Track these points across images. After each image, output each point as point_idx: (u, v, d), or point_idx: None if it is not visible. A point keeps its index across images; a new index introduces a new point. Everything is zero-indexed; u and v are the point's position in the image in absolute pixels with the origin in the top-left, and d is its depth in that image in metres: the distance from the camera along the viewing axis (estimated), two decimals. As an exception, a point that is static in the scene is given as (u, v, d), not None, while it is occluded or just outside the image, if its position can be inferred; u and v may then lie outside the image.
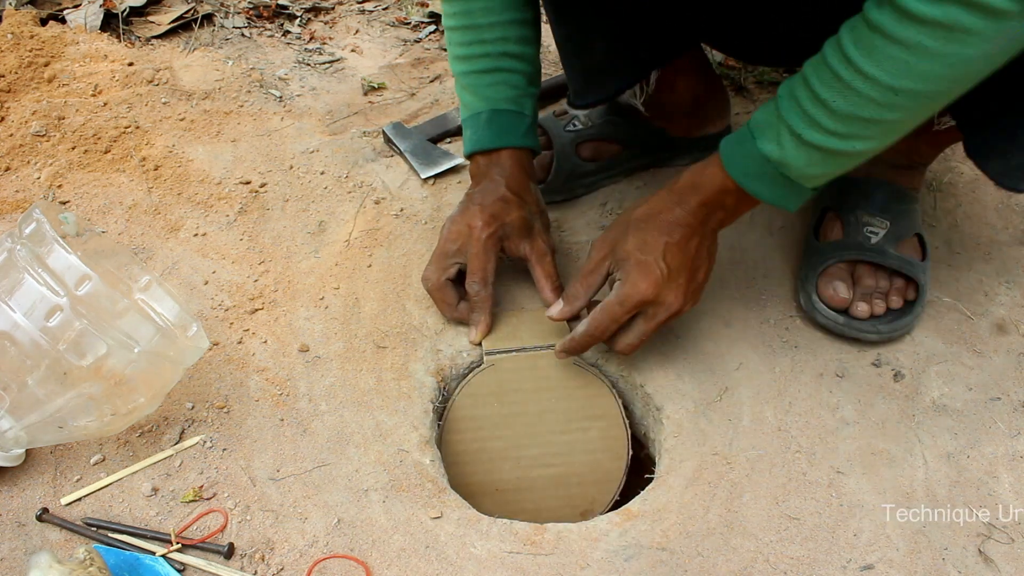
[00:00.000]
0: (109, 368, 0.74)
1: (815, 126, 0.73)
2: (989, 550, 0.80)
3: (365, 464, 0.85)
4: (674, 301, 0.86)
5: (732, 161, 0.80)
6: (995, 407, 0.92)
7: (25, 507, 0.80)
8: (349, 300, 1.01)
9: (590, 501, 0.95)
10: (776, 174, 0.78)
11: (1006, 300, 1.04)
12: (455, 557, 0.78)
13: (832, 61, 0.70)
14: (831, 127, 0.72)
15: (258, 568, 0.76)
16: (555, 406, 0.95)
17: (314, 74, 1.39)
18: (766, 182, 0.79)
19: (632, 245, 0.86)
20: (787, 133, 0.75)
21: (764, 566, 0.78)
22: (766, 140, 0.77)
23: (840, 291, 0.96)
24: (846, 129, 0.72)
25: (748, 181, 0.80)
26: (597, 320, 0.88)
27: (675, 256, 0.86)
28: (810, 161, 0.75)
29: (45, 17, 1.42)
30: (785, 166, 0.77)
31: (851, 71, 0.69)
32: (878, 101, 0.69)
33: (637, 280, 0.85)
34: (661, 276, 0.85)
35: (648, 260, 0.85)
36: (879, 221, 1.00)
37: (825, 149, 0.74)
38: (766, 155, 0.77)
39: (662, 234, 0.85)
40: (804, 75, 0.73)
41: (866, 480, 0.85)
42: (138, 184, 1.13)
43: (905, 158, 1.03)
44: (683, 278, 0.86)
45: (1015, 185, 0.86)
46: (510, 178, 0.99)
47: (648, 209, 0.88)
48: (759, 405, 0.92)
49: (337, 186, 1.17)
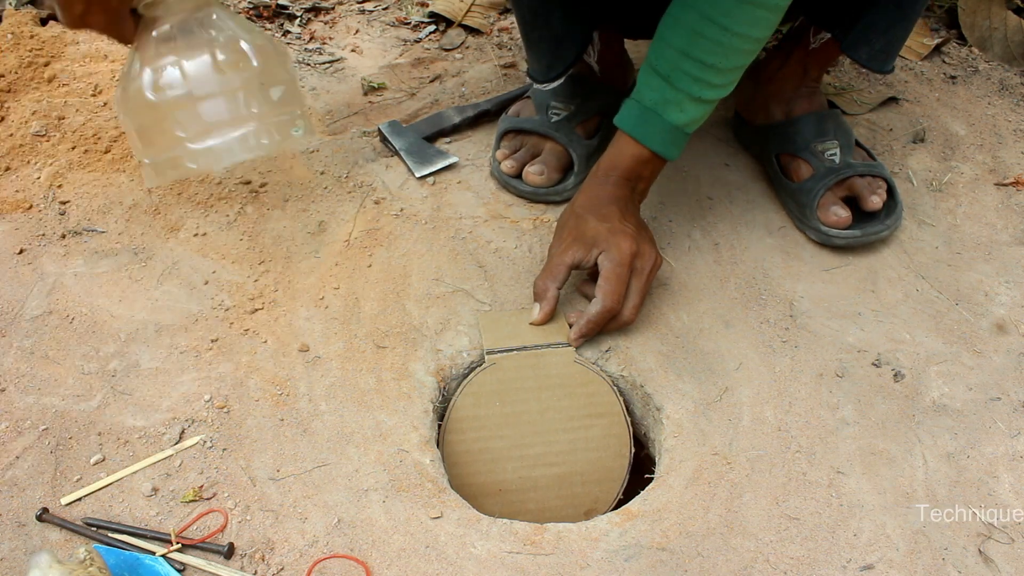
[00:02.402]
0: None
1: (709, 85, 0.91)
2: (989, 550, 0.80)
3: (365, 464, 0.85)
4: (651, 251, 0.98)
5: (648, 137, 0.96)
6: (995, 407, 0.92)
7: (25, 507, 0.80)
8: (349, 300, 1.01)
9: (593, 500, 0.95)
10: (681, 135, 0.96)
11: (1006, 300, 1.04)
12: (455, 557, 0.78)
13: (709, 32, 0.88)
14: (719, 81, 0.91)
15: (258, 568, 0.76)
16: (557, 404, 0.95)
17: (314, 74, 1.39)
18: (676, 144, 0.97)
19: (594, 224, 0.97)
20: (687, 100, 0.93)
21: (764, 566, 0.78)
22: (671, 112, 0.94)
23: (840, 212, 1.08)
24: (728, 79, 0.92)
25: (666, 148, 0.97)
26: (608, 290, 0.94)
27: (629, 218, 0.99)
28: (705, 113, 0.95)
29: (45, 17, 1.42)
30: (688, 124, 0.95)
31: (730, 35, 0.87)
32: (747, 50, 0.90)
33: (620, 242, 0.95)
34: (633, 232, 0.96)
35: (616, 225, 0.96)
36: (831, 143, 1.14)
37: (714, 100, 0.94)
38: (675, 124, 0.94)
39: (612, 205, 0.98)
40: (679, 52, 0.90)
41: (866, 480, 0.85)
42: (138, 184, 1.13)
43: (806, 88, 1.20)
44: (645, 234, 1.00)
45: (881, 67, 1.08)
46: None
47: (586, 197, 1.00)
48: (759, 405, 0.92)
49: (337, 186, 1.17)
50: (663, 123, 0.95)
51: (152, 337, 0.95)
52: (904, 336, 1.00)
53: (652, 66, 0.94)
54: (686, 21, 0.89)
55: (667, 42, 0.92)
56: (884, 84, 1.40)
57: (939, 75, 1.44)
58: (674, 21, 0.91)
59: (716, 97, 0.94)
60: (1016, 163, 1.25)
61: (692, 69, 0.90)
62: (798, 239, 1.12)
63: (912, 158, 1.26)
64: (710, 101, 0.94)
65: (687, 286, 1.05)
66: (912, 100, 1.37)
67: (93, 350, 0.93)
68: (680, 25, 0.90)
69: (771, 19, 0.88)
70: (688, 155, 1.24)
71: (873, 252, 1.10)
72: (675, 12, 0.91)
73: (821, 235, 1.09)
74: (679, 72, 0.91)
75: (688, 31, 0.89)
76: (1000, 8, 1.51)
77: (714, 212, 1.16)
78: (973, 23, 1.52)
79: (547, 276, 0.97)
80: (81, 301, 0.98)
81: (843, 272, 1.08)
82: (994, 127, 1.32)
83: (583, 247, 0.96)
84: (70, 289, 1.00)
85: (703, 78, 0.91)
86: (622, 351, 0.98)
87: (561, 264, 0.97)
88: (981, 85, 1.42)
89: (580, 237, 0.97)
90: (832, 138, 1.14)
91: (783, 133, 1.17)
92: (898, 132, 1.30)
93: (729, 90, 0.94)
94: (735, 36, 0.88)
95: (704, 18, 0.88)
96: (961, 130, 1.31)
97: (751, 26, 0.88)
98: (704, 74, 0.90)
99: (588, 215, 0.97)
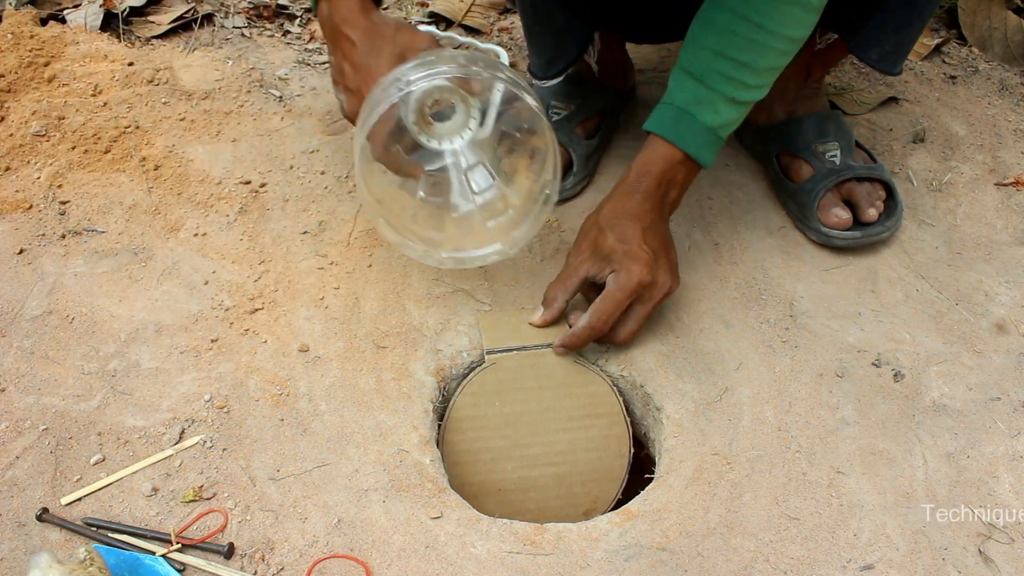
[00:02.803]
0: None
1: (743, 86, 0.90)
2: (989, 550, 0.80)
3: (365, 464, 0.85)
4: (666, 280, 0.94)
5: (681, 138, 0.93)
6: (995, 407, 0.92)
7: (25, 507, 0.80)
8: (349, 300, 1.01)
9: (593, 500, 0.95)
10: (715, 138, 0.93)
11: (1006, 300, 1.04)
12: (455, 557, 0.78)
13: (741, 29, 0.87)
14: (754, 82, 0.90)
15: (258, 568, 0.76)
16: (556, 404, 0.95)
17: (314, 74, 1.39)
18: (711, 148, 0.94)
19: (613, 239, 0.93)
20: (721, 100, 0.90)
21: (764, 566, 0.78)
22: (705, 113, 0.91)
23: (841, 214, 1.08)
24: (763, 80, 0.91)
25: (699, 151, 0.93)
26: (599, 310, 0.92)
27: (653, 239, 0.94)
28: (739, 115, 0.93)
29: (45, 17, 1.42)
30: (722, 127, 0.92)
31: (764, 33, 0.86)
32: (782, 50, 0.88)
33: (631, 266, 0.91)
34: (649, 258, 0.92)
35: (633, 248, 0.92)
36: (831, 144, 1.14)
37: (749, 102, 0.92)
38: (709, 125, 0.92)
39: (635, 222, 0.94)
40: (712, 51, 0.89)
41: (866, 480, 0.85)
42: (138, 184, 1.13)
43: (809, 89, 1.20)
44: (665, 258, 0.95)
45: (891, 68, 1.07)
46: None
47: (612, 206, 0.96)
48: (759, 405, 0.92)
49: (337, 186, 1.17)
50: (697, 124, 0.92)
51: (152, 337, 0.95)
52: (904, 336, 1.00)
53: (684, 68, 0.92)
54: (719, 21, 0.88)
55: (699, 43, 0.90)
56: (884, 84, 1.40)
57: (939, 75, 1.44)
58: (706, 22, 0.90)
59: (751, 99, 0.92)
60: (1016, 163, 1.25)
61: (726, 68, 0.89)
62: (798, 239, 1.12)
63: (912, 158, 1.26)
64: (745, 103, 0.92)
65: (687, 286, 1.05)
66: (912, 100, 1.37)
67: (93, 350, 0.93)
68: (713, 25, 0.89)
69: (806, 18, 0.87)
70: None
71: (873, 252, 1.10)
72: (707, 14, 0.90)
73: (821, 236, 1.09)
74: (713, 72, 0.89)
75: (721, 30, 0.88)
76: (1000, 8, 1.51)
77: (714, 212, 1.16)
78: (973, 23, 1.52)
79: (559, 286, 0.96)
80: (81, 301, 0.98)
81: (843, 272, 1.08)
82: (994, 127, 1.32)
83: (597, 262, 0.94)
84: (70, 289, 1.00)
85: (737, 78, 0.89)
86: (622, 351, 0.98)
87: (574, 276, 0.95)
88: (981, 85, 1.42)
89: (596, 251, 0.94)
90: (833, 139, 1.14)
91: (784, 133, 1.17)
92: (898, 132, 1.30)
93: (764, 92, 0.92)
94: (770, 34, 0.86)
95: (738, 16, 0.87)
96: (961, 130, 1.31)
97: (786, 24, 0.86)
98: (738, 73, 0.89)
99: (608, 229, 0.94)
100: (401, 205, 0.93)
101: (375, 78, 0.86)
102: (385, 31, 0.89)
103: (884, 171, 1.13)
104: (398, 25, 0.90)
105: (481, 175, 0.94)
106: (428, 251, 0.95)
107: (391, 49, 0.87)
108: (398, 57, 0.87)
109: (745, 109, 0.93)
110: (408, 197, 0.93)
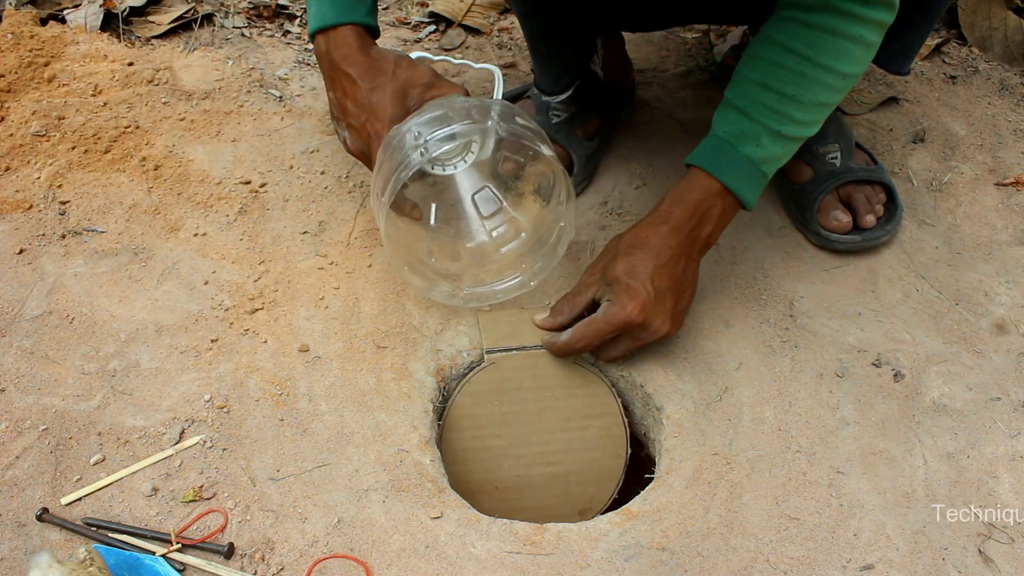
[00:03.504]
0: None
1: (790, 120, 0.86)
2: (989, 550, 0.80)
3: (365, 464, 0.85)
4: (660, 325, 0.90)
5: (720, 168, 0.88)
6: (995, 407, 0.92)
7: (25, 507, 0.80)
8: (349, 300, 1.01)
9: (589, 499, 0.95)
10: (758, 173, 0.89)
11: (1006, 300, 1.04)
12: (455, 557, 0.78)
13: (789, 63, 0.84)
14: (801, 118, 0.86)
15: (258, 568, 0.76)
16: (555, 404, 0.95)
17: (314, 74, 1.39)
18: (752, 183, 0.89)
19: (621, 269, 0.89)
20: (766, 134, 0.86)
21: (764, 566, 0.78)
22: (747, 146, 0.87)
23: (841, 217, 1.08)
24: (811, 117, 0.87)
25: (740, 184, 0.88)
26: (580, 333, 0.91)
27: (663, 279, 0.89)
28: (784, 152, 0.89)
29: (45, 17, 1.42)
30: (765, 162, 0.88)
31: (812, 66, 0.83)
32: (832, 86, 0.85)
33: (625, 302, 0.88)
34: (648, 299, 0.88)
35: (636, 284, 0.88)
36: (832, 146, 1.13)
37: (796, 138, 0.88)
38: (751, 157, 0.87)
39: (650, 257, 0.89)
40: (757, 84, 0.86)
41: (866, 480, 0.85)
42: (138, 184, 1.13)
43: None
44: (669, 301, 0.90)
45: (899, 68, 1.07)
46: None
47: (635, 234, 0.92)
48: (759, 405, 0.92)
49: (337, 186, 1.17)
50: (738, 155, 0.88)
51: (152, 337, 0.95)
52: (904, 336, 1.00)
53: (728, 102, 0.89)
54: (766, 55, 0.86)
55: (745, 77, 0.88)
56: (884, 84, 1.40)
57: (939, 75, 1.44)
58: (752, 58, 0.88)
59: (798, 135, 0.87)
60: (1016, 163, 1.25)
61: (771, 101, 0.85)
62: (798, 239, 1.12)
63: (912, 158, 1.26)
64: (791, 139, 0.87)
65: (687, 286, 1.05)
66: (912, 100, 1.37)
67: (93, 350, 0.93)
68: (759, 59, 0.87)
69: (857, 53, 0.84)
70: (688, 154, 1.24)
71: (873, 252, 1.10)
72: (754, 49, 0.88)
73: (821, 239, 1.09)
74: (757, 104, 0.86)
75: (767, 63, 0.86)
76: (1000, 8, 1.51)
77: (714, 212, 1.16)
78: (973, 23, 1.52)
79: (568, 301, 0.94)
80: (81, 301, 0.98)
81: (843, 272, 1.08)
82: (994, 127, 1.32)
83: (603, 286, 0.91)
84: (70, 289, 1.00)
85: (783, 111, 0.85)
86: (622, 351, 0.98)
87: (582, 296, 0.93)
88: (981, 85, 1.42)
89: (605, 275, 0.91)
90: (833, 141, 1.13)
91: None
92: (898, 132, 1.30)
93: (813, 129, 0.88)
94: (818, 68, 0.83)
95: (785, 50, 0.84)
96: (961, 130, 1.31)
97: (836, 59, 0.83)
98: (784, 107, 0.85)
99: (622, 257, 0.90)
100: (416, 238, 0.95)
101: (379, 116, 0.88)
102: (385, 67, 0.90)
103: (884, 173, 1.13)
104: (397, 59, 0.91)
105: (488, 199, 0.95)
106: (452, 291, 0.96)
107: (393, 86, 0.89)
108: (400, 93, 0.89)
109: (792, 146, 0.88)
110: (421, 230, 0.95)
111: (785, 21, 0.85)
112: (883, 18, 0.83)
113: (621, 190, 1.19)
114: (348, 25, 0.90)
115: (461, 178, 0.94)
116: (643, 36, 1.52)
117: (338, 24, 0.90)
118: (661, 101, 1.36)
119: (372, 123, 0.89)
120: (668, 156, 1.24)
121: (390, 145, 0.87)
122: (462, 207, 0.96)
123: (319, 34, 0.91)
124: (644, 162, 1.23)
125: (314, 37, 0.92)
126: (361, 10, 0.91)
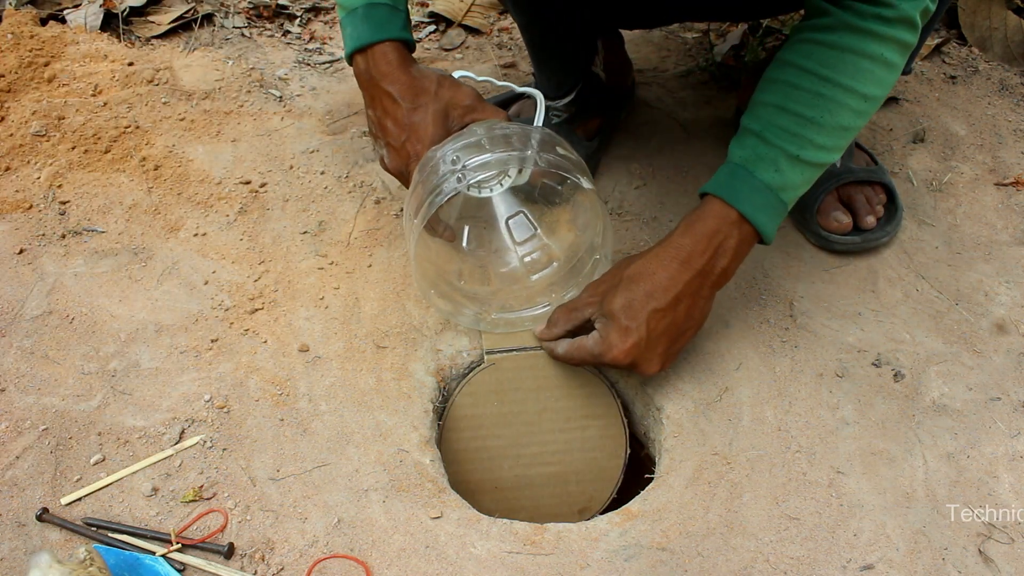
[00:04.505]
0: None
1: (809, 144, 0.81)
2: (989, 550, 0.80)
3: (365, 464, 0.85)
4: (647, 368, 0.86)
5: (736, 196, 0.83)
6: (995, 407, 0.92)
7: (25, 507, 0.80)
8: (349, 300, 1.01)
9: (588, 499, 0.95)
10: (776, 201, 0.83)
11: (1006, 300, 1.04)
12: (455, 557, 0.78)
13: (805, 83, 0.80)
14: (821, 142, 0.81)
15: (258, 568, 0.76)
16: (554, 405, 0.95)
17: (314, 74, 1.39)
18: (769, 212, 0.84)
19: (619, 304, 0.85)
20: (783, 158, 0.82)
21: (764, 566, 0.78)
22: (764, 171, 0.82)
23: (841, 218, 1.07)
24: (832, 141, 0.82)
25: (756, 212, 0.83)
26: (571, 352, 0.90)
27: (660, 321, 0.84)
28: (804, 179, 0.84)
29: (45, 17, 1.42)
30: (784, 189, 0.83)
31: (831, 86, 0.79)
32: (854, 108, 0.81)
33: (616, 342, 0.84)
34: (639, 342, 0.84)
35: (631, 326, 0.84)
36: None
37: (817, 164, 0.83)
38: (768, 183, 0.82)
39: (652, 298, 0.84)
40: (774, 107, 0.82)
41: (866, 480, 0.85)
42: (138, 184, 1.13)
43: None
44: (662, 346, 0.86)
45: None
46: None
47: (643, 265, 0.86)
48: (759, 405, 0.92)
49: (337, 186, 1.17)
50: (754, 181, 0.82)
51: (152, 337, 0.95)
52: (904, 336, 1.00)
53: (743, 129, 0.85)
54: (781, 77, 0.83)
55: (760, 101, 0.84)
56: (884, 84, 1.40)
57: (939, 75, 1.44)
58: (768, 82, 0.84)
59: (818, 160, 0.82)
60: (1016, 163, 1.25)
61: (788, 124, 0.81)
62: (798, 239, 1.12)
63: (912, 158, 1.26)
64: (811, 164, 0.82)
65: (687, 286, 1.05)
66: (912, 100, 1.37)
67: (93, 350, 0.93)
68: (774, 83, 0.83)
69: (878, 74, 0.80)
70: (688, 154, 1.24)
71: (873, 252, 1.10)
72: (770, 74, 0.84)
73: (821, 240, 1.09)
74: (773, 127, 0.82)
75: (783, 85, 0.82)
76: (1000, 8, 1.51)
77: (714, 212, 1.16)
78: (973, 23, 1.52)
79: (565, 313, 0.91)
80: (81, 301, 0.98)
81: (843, 272, 1.08)
82: (994, 127, 1.32)
83: (599, 312, 0.88)
84: (70, 289, 1.00)
85: (801, 134, 0.81)
86: (622, 351, 0.98)
87: (579, 312, 0.90)
88: (981, 85, 1.42)
89: (603, 304, 0.87)
90: None
91: None
92: (898, 132, 1.30)
93: (836, 155, 0.83)
94: (836, 88, 0.79)
95: (801, 70, 0.81)
96: (961, 130, 1.31)
97: (855, 79, 0.79)
98: (802, 129, 0.81)
99: (625, 287, 0.85)
100: (447, 259, 0.95)
101: (420, 137, 0.86)
102: (428, 86, 0.88)
103: (885, 174, 1.13)
104: (439, 79, 0.89)
105: (522, 224, 0.94)
106: (479, 315, 0.96)
107: (435, 107, 0.87)
108: (442, 114, 0.87)
109: (812, 173, 0.83)
110: (453, 252, 0.94)
111: (800, 43, 0.82)
112: (904, 37, 0.79)
113: (621, 190, 1.19)
114: (386, 42, 0.88)
115: (496, 201, 0.94)
116: (643, 36, 1.52)
117: (375, 42, 0.88)
118: (661, 101, 1.36)
119: (412, 143, 0.87)
120: (668, 156, 1.24)
121: (426, 167, 0.85)
122: (496, 231, 0.95)
123: (357, 54, 0.89)
124: (644, 162, 1.23)
125: (352, 58, 0.90)
126: (396, 25, 0.89)
